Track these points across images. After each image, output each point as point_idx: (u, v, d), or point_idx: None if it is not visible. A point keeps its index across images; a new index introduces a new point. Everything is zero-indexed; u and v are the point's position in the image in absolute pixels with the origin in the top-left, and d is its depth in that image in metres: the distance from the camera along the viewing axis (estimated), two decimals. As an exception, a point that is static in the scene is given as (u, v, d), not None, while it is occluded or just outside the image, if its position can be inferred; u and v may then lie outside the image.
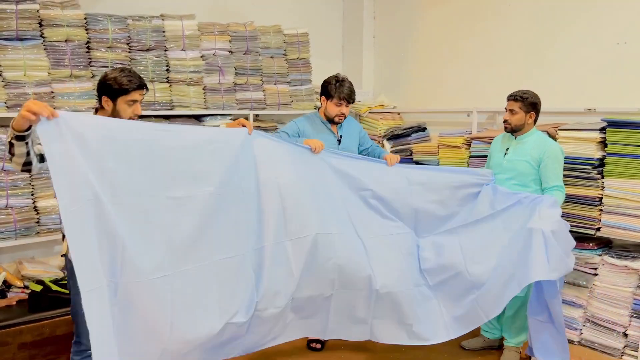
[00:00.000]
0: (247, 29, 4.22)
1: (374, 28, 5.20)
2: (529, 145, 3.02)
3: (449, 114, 4.55)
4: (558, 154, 2.96)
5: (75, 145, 1.94)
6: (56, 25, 3.38)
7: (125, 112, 2.32)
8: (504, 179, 3.09)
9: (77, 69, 3.48)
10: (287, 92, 4.47)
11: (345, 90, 3.11)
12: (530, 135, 3.06)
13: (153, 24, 3.77)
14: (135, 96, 2.32)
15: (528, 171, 3.00)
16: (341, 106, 3.15)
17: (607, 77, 3.49)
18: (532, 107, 3.00)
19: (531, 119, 3.03)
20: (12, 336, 2.83)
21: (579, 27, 3.62)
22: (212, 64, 4.04)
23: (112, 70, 2.36)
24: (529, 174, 3.01)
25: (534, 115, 3.03)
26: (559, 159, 2.95)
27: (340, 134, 3.28)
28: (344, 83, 3.13)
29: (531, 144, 3.02)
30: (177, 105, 3.90)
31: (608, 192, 3.21)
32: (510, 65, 4.05)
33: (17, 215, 3.26)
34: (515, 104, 3.01)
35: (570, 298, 3.37)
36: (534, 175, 3.00)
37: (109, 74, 2.33)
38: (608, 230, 3.23)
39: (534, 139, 3.03)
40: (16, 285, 3.21)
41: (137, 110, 2.36)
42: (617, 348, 3.17)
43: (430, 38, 4.71)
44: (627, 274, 3.17)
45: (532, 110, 3.01)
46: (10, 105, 3.25)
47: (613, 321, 3.20)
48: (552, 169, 2.94)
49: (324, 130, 3.23)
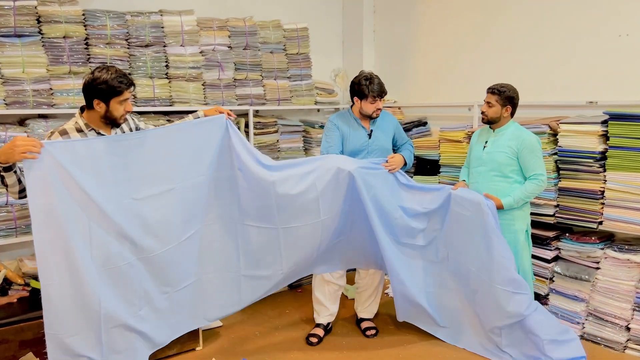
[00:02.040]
0: (246, 24, 4.20)
1: (374, 22, 5.18)
2: (506, 137, 3.10)
3: (450, 108, 4.54)
4: (534, 144, 3.03)
5: (52, 170, 2.23)
6: (54, 21, 3.37)
7: (118, 111, 2.45)
8: (484, 171, 3.17)
9: (75, 65, 3.47)
10: (287, 87, 4.45)
11: (376, 87, 3.23)
12: (507, 128, 3.13)
13: (152, 19, 3.75)
14: (127, 95, 2.45)
15: (506, 162, 3.07)
16: (376, 102, 3.26)
17: (609, 70, 3.47)
18: (508, 100, 3.07)
19: (507, 112, 3.10)
20: (13, 334, 2.83)
21: (580, 20, 3.60)
22: (211, 60, 4.02)
23: (98, 72, 2.39)
24: (508, 164, 3.07)
25: (510, 108, 3.10)
26: (535, 149, 3.02)
27: (371, 128, 3.37)
28: (374, 80, 3.25)
29: (508, 136, 3.10)
30: (176, 102, 3.88)
31: (610, 185, 3.19)
32: (511, 58, 4.03)
33: (17, 213, 3.26)
34: (492, 96, 3.10)
35: (573, 292, 3.37)
36: (513, 165, 3.07)
37: (97, 77, 2.37)
38: (610, 223, 3.22)
39: (511, 131, 3.10)
40: (17, 282, 3.20)
41: (128, 107, 2.49)
42: (619, 342, 3.17)
43: (430, 32, 4.69)
44: (630, 268, 3.17)
45: (509, 104, 3.08)
46: (9, 103, 3.24)
47: (615, 315, 3.19)
48: (529, 160, 3.02)
49: (355, 126, 3.35)
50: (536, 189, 3.04)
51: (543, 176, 3.03)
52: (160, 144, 2.62)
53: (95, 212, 2.36)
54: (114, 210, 2.42)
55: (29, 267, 3.31)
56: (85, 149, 2.35)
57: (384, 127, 3.42)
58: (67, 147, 2.31)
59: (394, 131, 3.48)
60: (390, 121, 3.49)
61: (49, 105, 3.37)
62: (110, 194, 2.41)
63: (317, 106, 4.72)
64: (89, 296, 2.35)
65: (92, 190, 2.34)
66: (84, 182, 2.32)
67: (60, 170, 2.25)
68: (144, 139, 2.57)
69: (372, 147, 3.35)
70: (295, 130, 4.53)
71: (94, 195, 2.34)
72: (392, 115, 3.58)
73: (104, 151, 2.39)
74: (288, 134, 4.47)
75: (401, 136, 3.54)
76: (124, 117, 2.50)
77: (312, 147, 4.61)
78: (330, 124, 3.38)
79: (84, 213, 2.34)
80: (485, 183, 3.16)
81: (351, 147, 3.32)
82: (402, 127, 3.62)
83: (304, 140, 4.61)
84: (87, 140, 2.39)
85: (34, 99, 3.31)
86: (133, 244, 2.52)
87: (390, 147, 3.45)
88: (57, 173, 2.25)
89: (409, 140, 3.57)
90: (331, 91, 4.81)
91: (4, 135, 3.17)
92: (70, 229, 2.28)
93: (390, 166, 3.20)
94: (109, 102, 2.41)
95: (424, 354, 3.20)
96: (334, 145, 3.29)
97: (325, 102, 4.77)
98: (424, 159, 4.33)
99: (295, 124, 4.56)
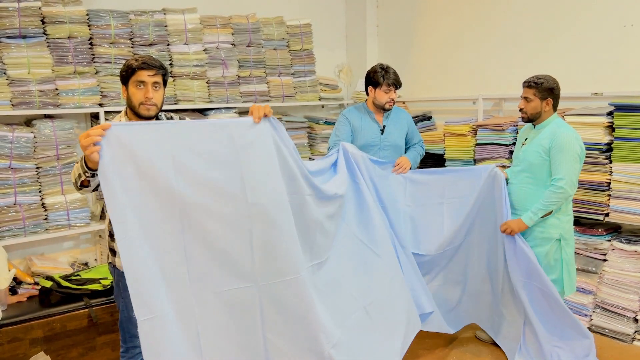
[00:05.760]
0: (249, 21, 4.20)
1: (377, 17, 5.16)
2: (544, 134, 2.79)
3: (455, 102, 4.52)
4: (567, 142, 2.69)
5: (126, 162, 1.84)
6: (58, 22, 3.38)
7: (135, 96, 2.15)
8: (517, 171, 2.94)
9: (80, 65, 3.48)
10: (290, 83, 4.45)
11: (391, 76, 3.21)
12: (548, 124, 2.82)
13: (155, 18, 3.76)
14: (143, 76, 2.13)
15: (538, 162, 2.78)
16: (390, 92, 3.23)
17: (614, 61, 3.45)
18: (548, 92, 2.78)
19: (548, 105, 2.80)
20: (23, 332, 2.86)
21: (585, 10, 3.57)
22: (215, 57, 4.03)
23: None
24: (539, 165, 2.78)
25: (551, 101, 2.80)
26: (566, 149, 2.68)
27: (384, 123, 3.32)
28: (389, 69, 3.22)
29: (546, 133, 2.79)
30: (181, 100, 3.90)
31: (616, 177, 3.18)
32: (515, 51, 4.01)
33: (26, 213, 3.29)
34: (529, 90, 2.81)
35: (580, 284, 3.36)
36: (545, 166, 2.77)
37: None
38: (617, 215, 3.20)
39: (551, 127, 2.79)
40: (26, 281, 3.24)
41: (147, 93, 2.14)
42: (627, 333, 3.16)
43: (433, 26, 4.67)
44: (637, 259, 3.16)
45: (549, 97, 2.79)
46: (16, 104, 3.26)
47: (623, 307, 3.18)
48: (555, 160, 2.72)
49: (368, 120, 3.31)
50: (554, 198, 2.70)
51: (563, 181, 2.67)
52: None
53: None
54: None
55: (38, 266, 3.35)
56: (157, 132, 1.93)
57: (397, 123, 3.36)
58: (147, 129, 1.91)
59: (408, 128, 3.42)
60: (405, 118, 3.43)
61: (55, 106, 3.40)
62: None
63: (322, 102, 4.72)
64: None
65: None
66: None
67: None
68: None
69: (385, 144, 3.29)
70: (300, 126, 4.54)
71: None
72: (407, 112, 3.52)
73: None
74: (293, 131, 4.47)
75: (414, 135, 3.47)
76: (145, 107, 2.15)
77: (317, 144, 4.61)
78: (342, 117, 3.34)
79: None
80: (517, 185, 2.92)
81: (363, 141, 3.26)
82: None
83: (309, 137, 4.62)
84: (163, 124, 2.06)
85: (40, 99, 3.33)
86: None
87: (403, 144, 3.38)
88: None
89: (421, 140, 3.50)
90: (335, 87, 4.81)
91: (11, 135, 3.19)
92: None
93: (399, 169, 3.16)
94: (128, 85, 2.17)
95: (423, 349, 3.20)
96: (343, 139, 3.23)
97: (330, 98, 4.76)
98: (429, 153, 4.32)
99: (299, 120, 4.57)
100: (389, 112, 3.32)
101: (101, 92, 3.55)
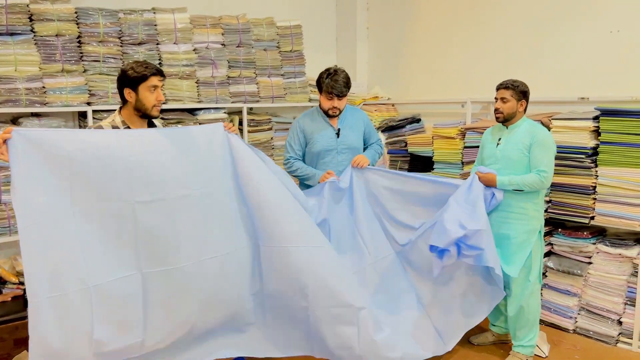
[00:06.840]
0: (239, 21, 4.20)
1: (367, 19, 5.19)
2: (520, 133, 2.97)
3: (443, 105, 4.56)
4: (546, 139, 2.91)
5: (36, 161, 2.07)
6: (46, 19, 3.35)
7: (148, 100, 2.38)
8: (498, 169, 3.02)
9: (68, 63, 3.45)
10: (280, 84, 4.45)
11: (332, 84, 3.00)
12: (521, 124, 3.01)
13: (144, 17, 3.74)
14: (155, 81, 2.38)
15: (519, 159, 2.94)
16: (332, 100, 3.05)
17: (600, 66, 3.49)
18: (522, 95, 2.98)
19: (522, 107, 3.00)
20: (7, 332, 2.83)
21: (572, 16, 3.62)
22: (204, 57, 4.01)
23: (128, 64, 2.43)
24: (521, 161, 2.94)
25: (525, 103, 3.00)
26: (546, 146, 2.90)
27: (339, 126, 3.17)
28: (335, 76, 3.02)
29: (522, 132, 2.97)
30: (170, 99, 3.88)
31: (602, 180, 3.22)
32: (503, 55, 4.05)
33: (11, 212, 3.25)
34: (506, 92, 2.98)
35: (565, 287, 3.39)
36: (526, 162, 2.94)
37: (125, 68, 2.41)
38: (602, 218, 3.24)
39: (525, 127, 2.98)
40: (11, 281, 3.20)
41: (159, 96, 2.41)
42: (611, 336, 3.20)
43: (423, 29, 4.70)
44: (621, 262, 3.20)
45: (523, 99, 2.98)
46: (2, 102, 3.23)
47: (607, 309, 3.22)
48: (537, 154, 2.89)
49: (323, 124, 3.16)
50: (535, 182, 2.88)
51: (546, 173, 2.87)
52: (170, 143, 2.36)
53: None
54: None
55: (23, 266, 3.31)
56: (69, 142, 2.11)
57: (353, 124, 3.20)
58: (45, 136, 2.09)
59: (365, 128, 3.27)
60: (361, 118, 3.28)
61: (42, 104, 3.36)
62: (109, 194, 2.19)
63: (311, 103, 4.71)
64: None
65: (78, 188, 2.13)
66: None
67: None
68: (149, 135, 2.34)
69: (342, 147, 3.14)
70: (289, 127, 4.53)
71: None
72: (363, 112, 3.38)
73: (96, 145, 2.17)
74: (282, 132, 4.47)
75: (372, 134, 3.32)
76: (157, 108, 2.41)
77: (306, 144, 4.61)
78: (293, 126, 3.19)
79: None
80: None
81: (319, 148, 3.12)
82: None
83: (298, 138, 4.61)
84: (72, 132, 2.27)
85: (27, 97, 3.30)
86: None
87: (361, 146, 3.23)
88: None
89: (378, 139, 3.38)
90: (325, 88, 4.80)
91: (-3, 133, 3.16)
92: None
93: (357, 163, 3.06)
94: (137, 89, 2.36)
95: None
96: (296, 150, 3.18)
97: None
98: (417, 156, 4.35)
99: (289, 121, 4.56)
100: (343, 113, 3.17)
101: (89, 91, 3.52)
